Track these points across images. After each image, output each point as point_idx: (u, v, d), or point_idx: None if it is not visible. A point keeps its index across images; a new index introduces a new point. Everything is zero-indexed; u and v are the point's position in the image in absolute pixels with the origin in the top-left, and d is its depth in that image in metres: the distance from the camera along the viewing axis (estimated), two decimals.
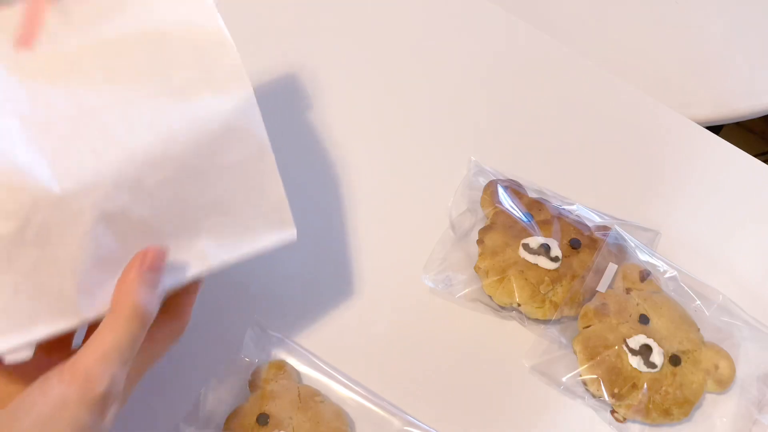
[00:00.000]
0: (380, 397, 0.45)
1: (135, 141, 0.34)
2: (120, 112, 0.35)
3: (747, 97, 0.76)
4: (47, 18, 0.36)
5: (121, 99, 0.35)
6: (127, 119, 0.35)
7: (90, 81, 0.35)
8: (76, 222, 0.33)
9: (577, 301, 0.48)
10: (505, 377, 0.47)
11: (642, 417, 0.45)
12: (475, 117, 0.59)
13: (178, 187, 0.36)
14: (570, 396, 0.46)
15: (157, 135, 0.35)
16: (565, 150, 0.58)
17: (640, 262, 0.50)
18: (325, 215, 0.53)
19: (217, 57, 0.37)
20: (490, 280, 0.48)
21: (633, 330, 0.46)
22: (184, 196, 0.36)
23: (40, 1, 0.35)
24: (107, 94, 0.35)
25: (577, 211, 0.52)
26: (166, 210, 0.36)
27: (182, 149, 0.36)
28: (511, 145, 0.58)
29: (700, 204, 0.55)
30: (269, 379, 0.44)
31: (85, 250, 0.34)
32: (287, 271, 0.50)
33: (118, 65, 0.36)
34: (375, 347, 0.47)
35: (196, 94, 0.36)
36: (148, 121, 0.35)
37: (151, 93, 0.35)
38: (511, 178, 0.53)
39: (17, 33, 0.35)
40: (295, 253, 0.45)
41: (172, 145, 0.35)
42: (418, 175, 0.55)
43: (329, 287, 0.50)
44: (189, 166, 0.36)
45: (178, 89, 0.36)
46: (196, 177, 0.36)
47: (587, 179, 0.56)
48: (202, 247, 0.37)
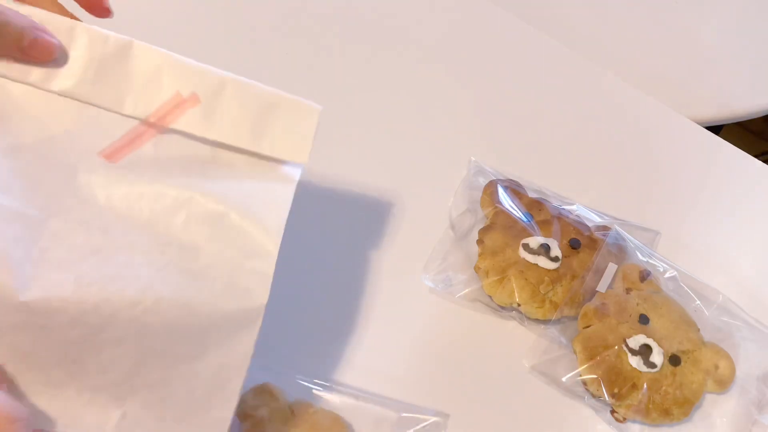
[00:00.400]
0: (373, 393, 0.44)
1: (121, 293, 0.33)
2: (127, 260, 0.33)
3: (747, 97, 0.76)
4: (145, 145, 0.35)
5: (139, 248, 0.34)
6: (132, 268, 0.33)
7: (130, 218, 0.34)
8: (15, 332, 0.32)
9: (577, 301, 0.48)
10: (505, 377, 0.47)
11: (642, 417, 0.45)
12: (475, 117, 0.59)
13: (134, 352, 0.34)
14: (570, 396, 0.46)
15: (143, 302, 0.33)
16: (565, 150, 0.58)
17: (640, 262, 0.50)
18: (323, 215, 0.53)
19: (254, 258, 0.35)
20: (490, 280, 0.48)
21: (633, 330, 0.46)
22: (131, 366, 0.34)
23: (148, 130, 0.35)
24: (132, 237, 0.34)
25: (577, 211, 0.52)
26: (105, 365, 0.34)
27: (160, 323, 0.34)
28: (511, 145, 0.58)
29: (700, 204, 0.55)
30: (257, 406, 0.43)
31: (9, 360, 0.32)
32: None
33: (162, 218, 0.35)
34: (374, 349, 0.47)
35: (212, 280, 0.34)
36: (146, 283, 0.33)
37: (173, 258, 0.34)
38: (511, 178, 0.53)
39: (113, 143, 0.35)
40: (291, 261, 0.45)
41: (153, 315, 0.33)
42: (418, 175, 0.55)
43: (326, 291, 0.50)
44: (159, 342, 0.34)
45: (199, 267, 0.34)
46: (159, 356, 0.34)
47: (587, 179, 0.56)
48: (114, 417, 0.34)
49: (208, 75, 0.36)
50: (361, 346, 0.47)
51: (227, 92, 0.36)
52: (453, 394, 0.46)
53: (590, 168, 0.57)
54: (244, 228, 0.35)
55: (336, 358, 0.46)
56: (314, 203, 0.53)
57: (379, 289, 0.50)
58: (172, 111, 0.35)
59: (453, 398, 0.46)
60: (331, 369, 0.46)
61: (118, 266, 0.33)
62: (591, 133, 0.59)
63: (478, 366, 0.47)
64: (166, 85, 0.35)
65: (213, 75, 0.36)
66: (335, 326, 0.48)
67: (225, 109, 0.36)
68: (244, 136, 0.36)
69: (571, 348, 0.47)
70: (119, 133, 0.35)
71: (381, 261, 0.51)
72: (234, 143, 0.36)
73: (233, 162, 0.36)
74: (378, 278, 0.50)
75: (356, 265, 0.50)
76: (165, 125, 0.35)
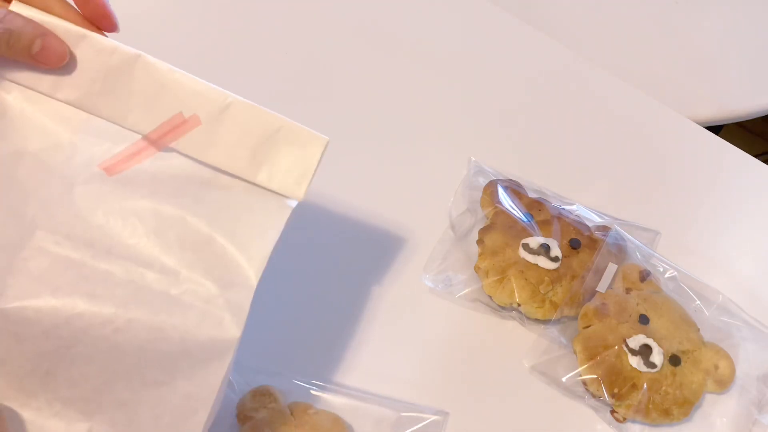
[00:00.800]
0: (373, 393, 0.44)
1: (94, 311, 0.33)
2: (105, 278, 0.34)
3: (747, 97, 0.76)
4: (145, 161, 0.35)
5: (120, 266, 0.34)
6: (109, 287, 0.34)
7: (117, 235, 0.34)
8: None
9: (577, 302, 0.48)
10: (505, 377, 0.47)
11: (642, 417, 0.45)
12: (475, 117, 0.59)
13: (104, 370, 0.34)
14: (570, 396, 0.46)
15: (115, 321, 0.33)
16: (565, 150, 0.58)
17: (640, 262, 0.50)
18: (323, 215, 0.53)
19: (233, 288, 0.35)
20: (490, 281, 0.48)
21: (633, 330, 0.46)
22: (101, 383, 0.34)
23: (148, 146, 0.36)
24: (115, 254, 0.34)
25: (577, 211, 0.52)
26: (76, 379, 0.34)
27: (131, 344, 0.34)
28: (511, 145, 0.58)
29: (700, 204, 0.55)
30: (256, 408, 0.43)
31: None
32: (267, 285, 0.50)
33: (149, 237, 0.35)
34: (373, 349, 0.47)
35: (187, 307, 0.34)
36: (120, 303, 0.34)
37: (152, 280, 0.34)
38: (510, 178, 0.53)
39: (113, 156, 0.35)
40: (288, 262, 0.45)
41: (124, 335, 0.33)
42: (418, 175, 0.55)
43: (325, 292, 0.50)
44: (129, 363, 0.34)
45: (177, 292, 0.34)
46: (128, 377, 0.34)
47: (587, 179, 0.56)
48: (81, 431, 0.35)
49: (212, 96, 0.35)
50: (361, 347, 0.47)
51: (230, 116, 0.35)
52: (452, 393, 0.46)
53: (590, 168, 0.57)
54: (228, 255, 0.35)
55: (335, 359, 0.46)
56: (314, 203, 0.53)
57: (379, 289, 0.50)
58: (172, 131, 0.35)
59: (452, 397, 0.46)
60: (330, 370, 0.46)
61: (95, 283, 0.34)
62: (591, 133, 0.59)
63: (478, 366, 0.47)
64: (168, 104, 0.35)
65: (217, 96, 0.35)
66: (335, 327, 0.48)
67: (225, 133, 0.36)
68: (242, 164, 0.36)
69: (571, 348, 0.47)
70: (120, 147, 0.35)
71: (381, 261, 0.51)
72: (231, 170, 0.36)
73: (231, 186, 0.36)
74: (378, 279, 0.50)
75: (356, 266, 0.50)
76: (165, 144, 0.35)
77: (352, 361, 0.46)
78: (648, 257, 0.50)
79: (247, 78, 0.56)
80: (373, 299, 0.49)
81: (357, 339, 0.48)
